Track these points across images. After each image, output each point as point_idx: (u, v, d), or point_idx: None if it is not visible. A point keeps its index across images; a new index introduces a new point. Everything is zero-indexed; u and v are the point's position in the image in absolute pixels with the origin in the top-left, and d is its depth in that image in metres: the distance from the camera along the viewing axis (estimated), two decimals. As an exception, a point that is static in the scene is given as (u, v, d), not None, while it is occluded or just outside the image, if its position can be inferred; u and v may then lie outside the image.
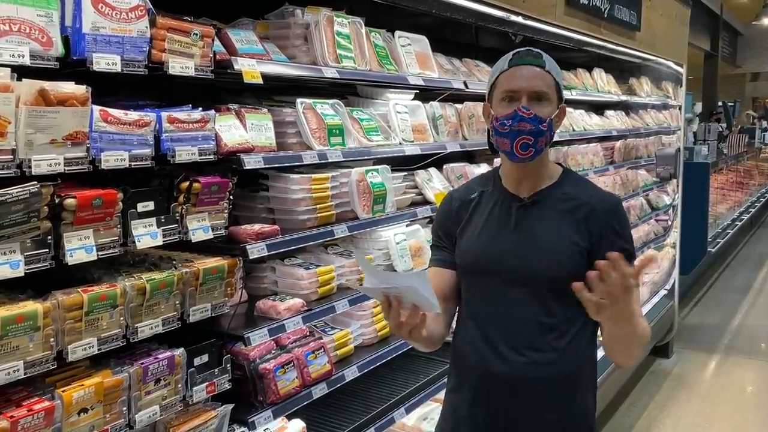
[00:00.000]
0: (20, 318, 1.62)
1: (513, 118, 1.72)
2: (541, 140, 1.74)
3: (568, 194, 1.83)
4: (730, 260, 9.57)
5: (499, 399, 1.80)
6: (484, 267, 1.84)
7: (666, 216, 6.44)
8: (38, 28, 1.67)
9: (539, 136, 1.73)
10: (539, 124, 1.72)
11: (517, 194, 1.85)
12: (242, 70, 2.15)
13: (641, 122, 6.03)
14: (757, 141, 12.65)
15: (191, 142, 2.01)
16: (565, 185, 1.85)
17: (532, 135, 1.72)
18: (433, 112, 3.24)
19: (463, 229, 1.90)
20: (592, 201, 1.81)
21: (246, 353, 2.29)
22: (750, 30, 15.39)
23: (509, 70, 1.77)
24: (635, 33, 4.95)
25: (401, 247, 2.97)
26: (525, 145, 1.73)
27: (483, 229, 1.86)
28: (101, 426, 1.80)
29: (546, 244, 1.77)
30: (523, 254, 1.78)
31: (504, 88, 1.76)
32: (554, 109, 1.77)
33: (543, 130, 1.73)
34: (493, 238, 1.83)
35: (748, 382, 5.52)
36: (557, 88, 1.79)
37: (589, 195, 1.84)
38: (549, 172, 1.87)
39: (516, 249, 1.79)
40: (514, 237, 1.80)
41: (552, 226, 1.79)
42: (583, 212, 1.79)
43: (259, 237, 2.23)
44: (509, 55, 1.80)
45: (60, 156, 1.68)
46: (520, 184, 1.85)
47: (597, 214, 1.79)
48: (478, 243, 1.85)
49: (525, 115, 1.71)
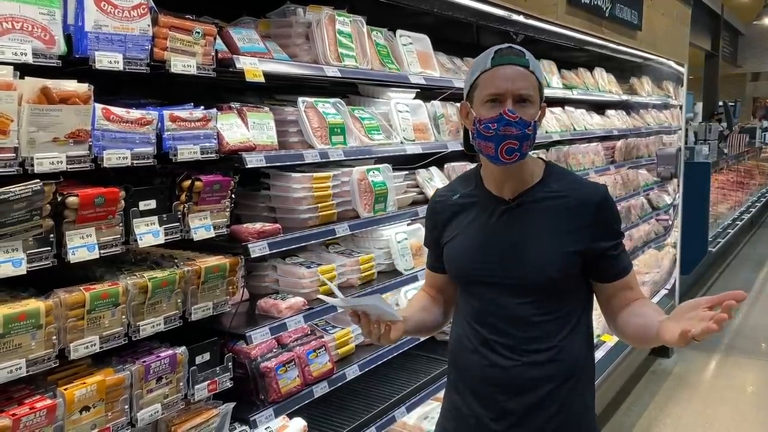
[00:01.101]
0: (22, 316, 1.62)
1: (498, 122, 1.66)
2: (526, 144, 1.70)
3: (553, 191, 1.79)
4: (730, 260, 9.57)
5: (498, 398, 1.79)
6: (472, 276, 1.82)
7: (666, 216, 6.44)
8: (41, 27, 1.67)
9: (525, 140, 1.68)
10: (525, 127, 1.67)
11: (500, 196, 1.81)
12: (244, 69, 2.15)
13: (642, 122, 6.04)
14: (758, 141, 12.65)
15: (193, 141, 2.01)
16: (550, 182, 1.81)
17: (518, 139, 1.67)
18: (435, 111, 3.25)
19: (447, 232, 1.88)
20: (579, 195, 1.77)
21: (247, 352, 2.29)
22: (751, 30, 15.39)
23: (492, 69, 1.70)
24: (636, 32, 4.95)
25: (402, 246, 2.97)
26: (510, 150, 1.68)
27: (468, 235, 1.83)
28: (103, 424, 1.81)
29: (535, 247, 1.74)
30: (512, 260, 1.75)
31: (488, 91, 1.69)
32: (536, 111, 1.72)
33: (528, 134, 1.68)
34: (479, 246, 1.80)
35: (749, 382, 5.52)
36: (539, 88, 1.74)
37: (574, 189, 1.79)
38: (532, 171, 1.82)
39: (504, 255, 1.76)
40: (501, 243, 1.77)
41: (539, 227, 1.75)
42: (570, 208, 1.76)
43: (261, 236, 2.23)
44: (490, 52, 1.73)
45: (62, 154, 1.68)
46: (503, 185, 1.80)
47: (585, 208, 1.75)
48: (464, 251, 1.83)
49: (511, 119, 1.66)
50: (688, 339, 1.41)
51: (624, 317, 1.78)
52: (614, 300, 1.81)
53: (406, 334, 1.80)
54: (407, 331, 1.79)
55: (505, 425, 1.79)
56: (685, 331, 1.41)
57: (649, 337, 1.65)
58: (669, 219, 6.48)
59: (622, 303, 1.80)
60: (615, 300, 1.81)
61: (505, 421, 1.79)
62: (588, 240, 1.74)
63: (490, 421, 1.80)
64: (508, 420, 1.79)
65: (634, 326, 1.74)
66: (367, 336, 1.74)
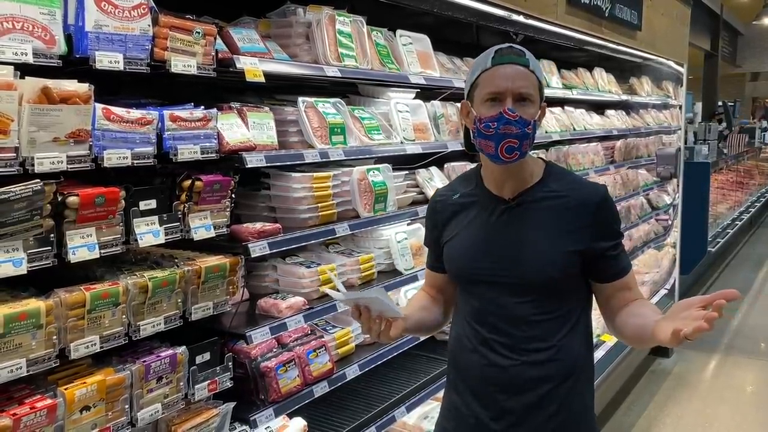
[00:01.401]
0: (23, 316, 1.62)
1: (498, 120, 1.67)
2: (526, 143, 1.70)
3: (553, 191, 1.79)
4: (729, 260, 9.58)
5: (497, 398, 1.79)
6: (472, 275, 1.83)
7: (666, 216, 6.45)
8: (41, 26, 1.67)
9: (524, 138, 1.69)
10: (525, 126, 1.68)
11: (500, 196, 1.81)
12: (244, 69, 2.15)
13: (642, 122, 6.04)
14: (757, 141, 12.65)
15: (193, 141, 2.01)
16: (550, 182, 1.81)
17: (518, 138, 1.68)
18: (435, 111, 3.25)
19: (447, 232, 1.89)
20: (578, 195, 1.77)
21: (247, 351, 2.30)
22: (750, 30, 15.40)
23: (492, 68, 1.71)
24: (636, 32, 4.95)
25: (402, 245, 2.97)
26: (510, 149, 1.69)
27: (468, 235, 1.83)
28: (103, 424, 1.81)
29: (535, 247, 1.74)
30: (512, 259, 1.76)
31: (488, 89, 1.70)
32: (536, 110, 1.73)
33: (528, 133, 1.69)
34: (479, 246, 1.80)
35: (749, 382, 5.52)
36: (539, 87, 1.74)
37: (574, 189, 1.79)
38: (532, 171, 1.82)
39: (504, 254, 1.77)
40: (501, 243, 1.78)
41: (539, 227, 1.76)
42: (570, 208, 1.76)
43: (261, 235, 2.23)
44: (491, 52, 1.74)
45: (63, 154, 1.68)
46: (503, 185, 1.81)
47: (584, 208, 1.75)
48: (464, 251, 1.83)
49: (511, 118, 1.66)
50: (681, 338, 1.42)
51: (622, 317, 1.78)
52: (613, 300, 1.82)
53: (406, 332, 1.79)
54: (407, 329, 1.79)
55: (505, 425, 1.79)
56: (677, 330, 1.42)
57: (646, 337, 1.66)
58: (668, 219, 6.49)
59: (620, 303, 1.80)
60: (614, 300, 1.81)
61: (504, 421, 1.79)
62: (587, 240, 1.75)
63: (489, 420, 1.81)
64: (507, 420, 1.79)
65: (632, 326, 1.74)
66: (366, 332, 1.73)
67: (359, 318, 1.71)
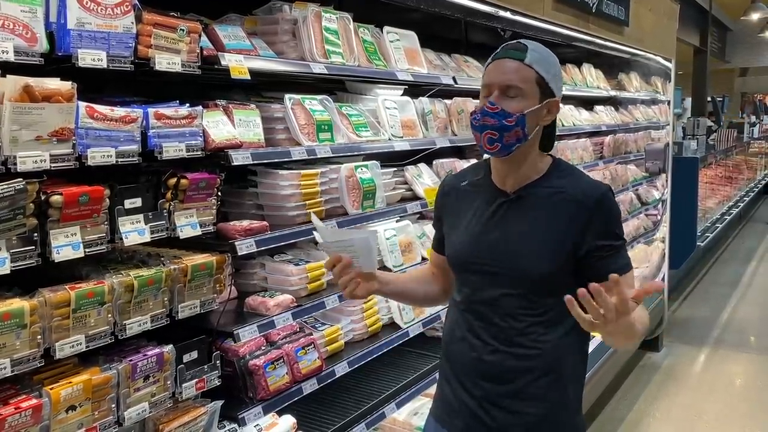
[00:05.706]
0: (6, 315, 1.62)
1: (480, 112, 1.75)
2: (508, 135, 1.72)
3: (554, 187, 1.80)
4: (719, 254, 9.64)
5: (487, 389, 1.81)
6: (467, 264, 1.85)
7: (655, 211, 6.47)
8: (22, 24, 1.66)
9: (504, 131, 1.71)
10: (504, 119, 1.71)
11: (503, 189, 1.84)
12: (229, 66, 2.14)
13: (630, 117, 6.06)
14: (746, 136, 12.72)
15: (178, 138, 2.00)
16: (553, 178, 1.82)
17: (496, 130, 1.72)
18: (423, 108, 3.24)
19: (451, 218, 1.93)
20: (579, 193, 1.77)
21: (235, 349, 2.29)
22: (739, 25, 15.49)
23: (492, 63, 1.78)
24: (623, 28, 4.96)
25: (391, 242, 2.97)
26: (491, 140, 1.74)
27: (468, 224, 1.86)
28: (90, 423, 1.80)
29: (528, 240, 1.75)
30: (505, 252, 1.77)
31: (482, 83, 1.79)
32: (531, 104, 1.73)
33: (508, 125, 1.71)
34: (477, 235, 1.83)
35: (737, 375, 5.56)
36: (540, 82, 1.75)
37: (575, 186, 1.79)
38: (536, 166, 1.83)
39: (498, 246, 1.78)
40: (498, 234, 1.79)
41: (535, 221, 1.77)
42: (569, 205, 1.76)
43: (248, 233, 2.22)
44: (499, 48, 1.81)
45: (46, 153, 1.67)
46: (505, 178, 1.84)
47: (583, 206, 1.75)
48: (463, 239, 1.86)
49: (489, 110, 1.72)
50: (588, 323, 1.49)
51: None
52: None
53: (379, 293, 1.92)
54: (382, 292, 1.92)
55: (494, 415, 1.81)
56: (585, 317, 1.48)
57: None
58: (658, 214, 6.52)
59: None
60: None
61: (494, 412, 1.81)
62: (581, 236, 1.73)
63: (479, 410, 1.82)
64: (493, 407, 1.81)
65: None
66: (336, 282, 1.81)
67: (332, 268, 1.78)
